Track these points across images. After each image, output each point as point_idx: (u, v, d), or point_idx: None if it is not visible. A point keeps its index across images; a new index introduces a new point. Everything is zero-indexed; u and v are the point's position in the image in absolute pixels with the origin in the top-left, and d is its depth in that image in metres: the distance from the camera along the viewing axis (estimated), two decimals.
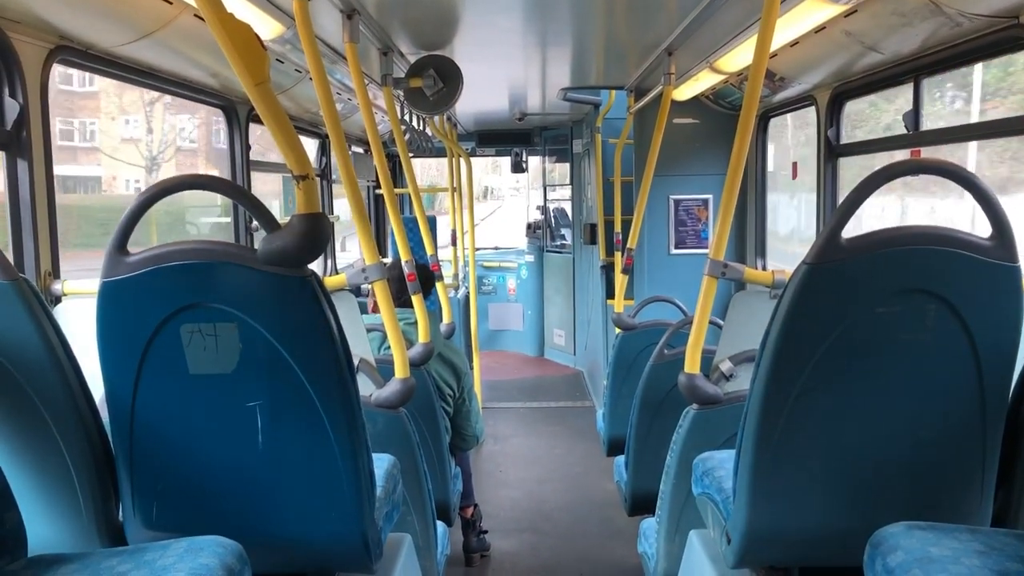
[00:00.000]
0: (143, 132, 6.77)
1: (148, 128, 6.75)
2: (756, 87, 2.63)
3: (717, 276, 2.69)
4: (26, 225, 2.60)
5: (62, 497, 1.87)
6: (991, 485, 1.93)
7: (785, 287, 1.87)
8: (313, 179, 1.86)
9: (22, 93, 2.53)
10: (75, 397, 1.85)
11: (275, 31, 3.08)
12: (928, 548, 1.53)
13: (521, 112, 7.66)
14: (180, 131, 7.15)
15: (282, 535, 1.95)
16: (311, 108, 5.07)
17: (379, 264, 2.77)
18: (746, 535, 2.00)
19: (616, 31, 4.07)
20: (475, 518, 4.55)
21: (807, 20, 3.12)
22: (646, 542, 3.28)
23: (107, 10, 2.62)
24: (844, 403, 1.89)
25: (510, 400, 8.00)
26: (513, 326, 10.14)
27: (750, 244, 5.48)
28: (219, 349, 1.79)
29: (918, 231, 1.80)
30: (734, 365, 2.77)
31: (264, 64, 1.82)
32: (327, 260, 6.25)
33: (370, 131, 3.27)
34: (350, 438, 1.87)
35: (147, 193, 1.80)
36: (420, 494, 3.00)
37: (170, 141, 7.12)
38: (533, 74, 5.45)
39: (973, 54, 2.97)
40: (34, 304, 1.79)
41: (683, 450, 2.75)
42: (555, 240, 9.88)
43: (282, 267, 1.76)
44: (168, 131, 6.98)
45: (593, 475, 5.87)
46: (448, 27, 3.74)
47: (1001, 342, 1.83)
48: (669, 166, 5.38)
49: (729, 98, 5.27)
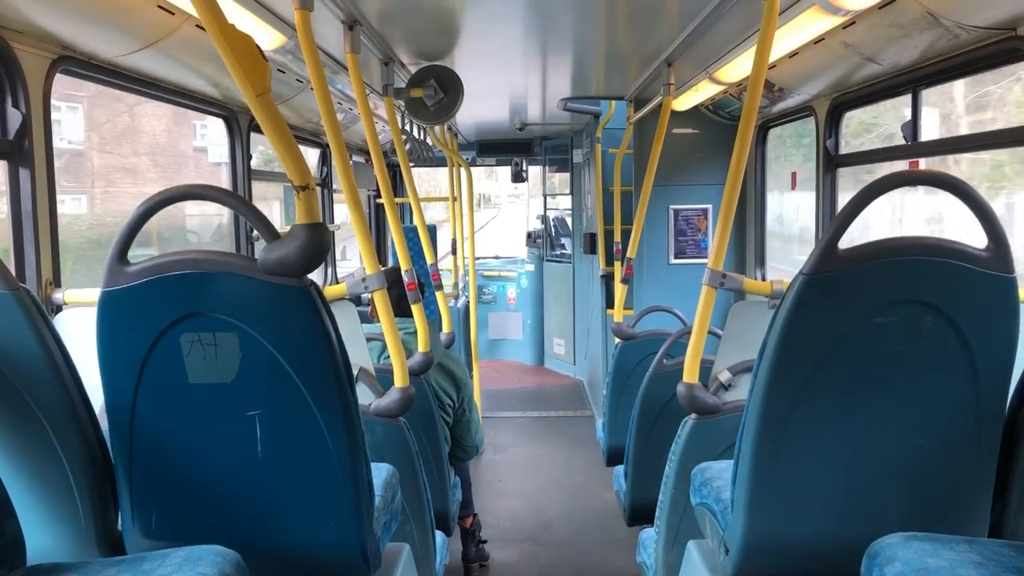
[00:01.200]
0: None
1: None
2: (755, 98, 2.64)
3: (716, 286, 2.70)
4: (27, 234, 2.61)
5: (61, 506, 1.87)
6: (988, 495, 1.93)
7: (783, 297, 1.87)
8: (313, 189, 1.87)
9: (24, 103, 2.54)
10: (75, 406, 1.85)
11: (277, 41, 3.09)
12: (925, 559, 1.53)
13: (521, 122, 7.69)
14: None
15: (281, 544, 1.95)
16: (312, 118, 5.09)
17: (379, 273, 2.78)
18: (744, 545, 2.00)
19: (616, 41, 4.08)
20: (474, 528, 4.54)
21: (806, 31, 3.13)
22: (645, 552, 3.27)
23: (110, 20, 2.63)
24: (841, 414, 1.89)
25: (510, 409, 8.00)
26: (513, 335, 10.14)
27: (749, 254, 5.49)
28: (219, 358, 1.79)
29: (915, 242, 1.81)
30: (733, 375, 2.77)
31: (265, 75, 1.83)
32: (327, 269, 6.26)
33: (371, 141, 3.28)
34: (349, 447, 1.88)
35: (147, 203, 1.80)
36: (419, 504, 3.00)
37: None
38: (533, 84, 5.47)
39: (971, 65, 2.98)
40: (35, 314, 1.79)
41: (682, 460, 2.75)
42: (555, 249, 9.90)
43: (282, 277, 1.76)
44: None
45: (592, 485, 5.86)
46: (449, 37, 3.76)
47: (997, 353, 1.84)
48: (669, 176, 5.39)
49: (728, 108, 5.29)
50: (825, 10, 2.81)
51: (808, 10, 2.85)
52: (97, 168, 5.38)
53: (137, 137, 5.89)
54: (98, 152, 5.50)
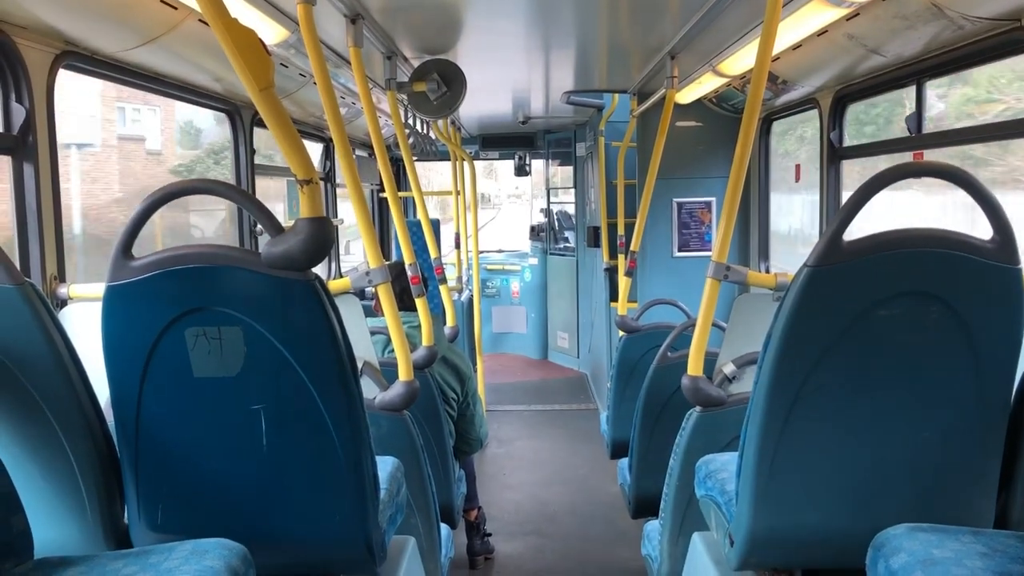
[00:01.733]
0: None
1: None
2: (759, 90, 2.64)
3: (720, 279, 2.70)
4: (32, 229, 2.61)
5: (68, 500, 1.88)
6: (993, 486, 1.93)
7: (787, 289, 1.87)
8: (317, 183, 1.87)
9: (28, 98, 2.55)
10: (80, 401, 1.85)
11: (279, 36, 3.09)
12: (931, 550, 1.53)
13: (524, 115, 7.67)
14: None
15: (286, 537, 1.96)
16: (315, 112, 5.08)
17: (383, 268, 2.78)
18: (749, 537, 2.00)
19: (619, 34, 4.07)
20: (479, 521, 4.55)
21: (809, 23, 3.12)
22: (650, 544, 3.28)
23: (113, 15, 2.63)
24: (846, 405, 1.89)
25: (514, 403, 8.00)
26: (517, 329, 10.14)
27: (753, 247, 5.48)
28: (223, 352, 1.80)
29: (919, 233, 1.81)
30: (737, 367, 2.77)
31: (268, 69, 1.83)
32: (331, 263, 6.27)
33: (374, 135, 3.28)
34: (354, 441, 1.88)
35: (152, 198, 1.81)
36: (424, 497, 3.00)
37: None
38: (536, 78, 5.47)
39: (976, 57, 2.97)
40: (40, 308, 1.80)
41: (686, 452, 2.75)
42: (558, 243, 9.89)
43: (286, 271, 1.77)
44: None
45: (597, 478, 5.87)
46: (451, 31, 3.75)
47: (1002, 344, 1.83)
48: (672, 169, 5.39)
49: (732, 101, 5.27)
50: (829, 2, 2.81)
51: (811, 2, 2.85)
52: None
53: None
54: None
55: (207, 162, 4.41)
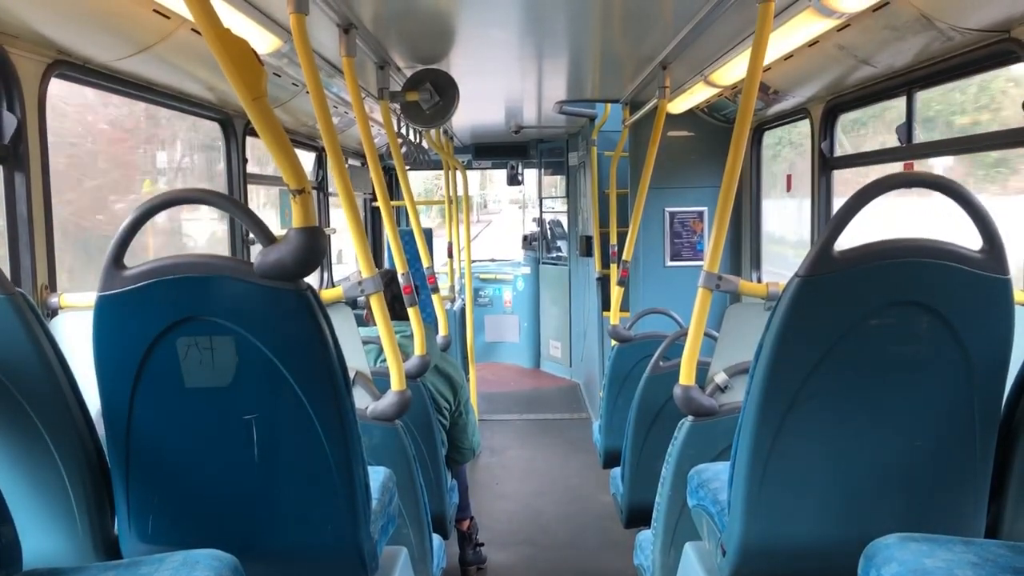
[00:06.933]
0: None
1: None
2: (750, 100, 2.65)
3: (712, 288, 2.70)
4: (23, 238, 2.60)
5: (58, 511, 1.87)
6: (984, 496, 1.93)
7: (778, 299, 1.88)
8: (309, 193, 1.87)
9: (20, 107, 2.54)
10: (71, 410, 1.84)
11: (272, 45, 3.09)
12: (922, 560, 1.53)
13: (517, 125, 7.69)
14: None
15: (277, 548, 1.95)
16: (308, 121, 5.08)
17: (375, 277, 2.78)
18: (741, 547, 2.00)
19: (611, 44, 4.09)
20: (471, 531, 4.54)
21: (800, 34, 3.14)
22: (642, 554, 3.27)
23: (105, 25, 2.63)
24: (838, 415, 1.90)
25: (506, 412, 7.99)
26: (509, 338, 10.14)
27: (745, 256, 5.50)
28: (215, 362, 1.79)
29: (910, 244, 1.81)
30: (729, 377, 2.77)
31: (261, 79, 1.83)
32: (323, 273, 6.26)
33: (367, 144, 3.28)
34: (346, 450, 1.88)
35: (143, 207, 1.80)
36: (416, 507, 3.00)
37: None
38: (529, 87, 5.48)
39: (966, 67, 2.99)
40: (30, 318, 1.79)
41: (678, 462, 2.75)
42: (551, 252, 9.90)
43: (279, 280, 1.76)
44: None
45: (589, 487, 5.86)
46: (444, 41, 3.76)
47: (993, 353, 1.84)
48: (664, 178, 5.40)
49: (724, 111, 5.29)
50: (819, 12, 2.82)
51: (802, 12, 2.86)
52: None
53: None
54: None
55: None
